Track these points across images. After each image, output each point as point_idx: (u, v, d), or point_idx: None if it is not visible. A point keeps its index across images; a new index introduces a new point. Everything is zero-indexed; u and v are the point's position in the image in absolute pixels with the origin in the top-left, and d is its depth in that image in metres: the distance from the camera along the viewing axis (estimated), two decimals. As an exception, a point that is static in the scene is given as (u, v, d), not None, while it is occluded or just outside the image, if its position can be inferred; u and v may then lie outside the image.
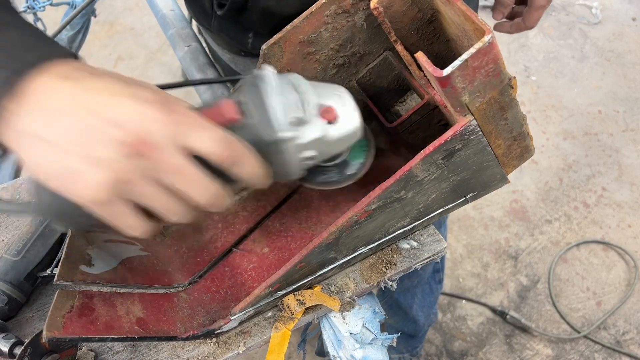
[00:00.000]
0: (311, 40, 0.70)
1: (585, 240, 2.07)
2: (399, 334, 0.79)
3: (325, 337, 0.77)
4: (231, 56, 1.02)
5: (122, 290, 0.66)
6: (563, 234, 2.10)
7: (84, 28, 1.37)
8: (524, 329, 1.86)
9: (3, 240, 0.83)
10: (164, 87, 0.54)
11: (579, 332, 1.84)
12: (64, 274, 0.61)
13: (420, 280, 1.47)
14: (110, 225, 0.50)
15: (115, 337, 0.60)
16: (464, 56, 0.48)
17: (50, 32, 1.35)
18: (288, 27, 0.67)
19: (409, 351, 1.76)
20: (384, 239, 0.74)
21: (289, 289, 0.70)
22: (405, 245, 0.79)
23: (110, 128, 0.44)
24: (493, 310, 1.90)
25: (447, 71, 0.49)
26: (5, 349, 0.66)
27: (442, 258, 1.54)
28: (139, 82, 0.49)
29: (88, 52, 2.78)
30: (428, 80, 0.71)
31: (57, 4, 1.33)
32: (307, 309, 0.73)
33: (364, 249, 0.73)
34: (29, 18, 1.35)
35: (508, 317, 1.85)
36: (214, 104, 0.54)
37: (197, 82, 0.95)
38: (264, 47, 0.68)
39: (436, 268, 1.51)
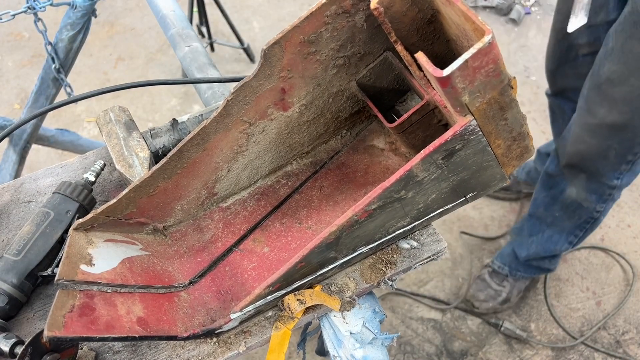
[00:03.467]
0: (311, 40, 0.70)
1: (583, 245, 2.06)
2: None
3: (325, 336, 0.77)
4: None
5: (123, 290, 0.66)
6: (563, 234, 2.10)
7: (84, 28, 1.37)
8: (519, 340, 1.85)
9: (3, 240, 0.83)
10: (165, 83, 0.55)
11: (576, 339, 1.83)
12: (64, 273, 0.61)
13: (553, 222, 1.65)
14: None
15: (116, 336, 0.60)
16: (464, 56, 0.48)
17: (50, 32, 1.35)
18: (288, 27, 0.67)
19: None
20: (384, 239, 0.74)
21: (289, 289, 0.70)
22: (405, 245, 0.79)
23: None
24: (487, 322, 1.88)
25: (447, 71, 0.49)
26: (6, 349, 0.66)
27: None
28: None
29: (88, 52, 2.78)
30: (428, 80, 0.71)
31: (58, 4, 1.33)
32: (307, 308, 0.73)
33: (364, 249, 0.73)
34: (30, 18, 1.35)
35: (502, 328, 1.84)
36: None
37: (199, 81, 0.95)
38: (264, 47, 0.68)
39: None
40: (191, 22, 2.38)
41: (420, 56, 0.53)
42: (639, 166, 1.43)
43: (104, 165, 0.86)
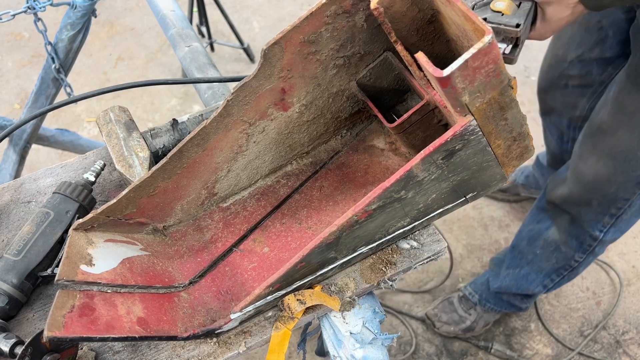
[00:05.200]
0: (311, 40, 0.70)
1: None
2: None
3: (325, 336, 0.77)
4: None
5: (123, 290, 0.66)
6: (563, 234, 2.10)
7: (84, 28, 1.37)
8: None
9: (3, 240, 0.83)
10: (165, 83, 0.55)
11: (572, 349, 1.82)
12: (64, 273, 0.61)
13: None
14: None
15: (116, 336, 0.60)
16: (464, 56, 0.48)
17: (50, 32, 1.35)
18: (288, 27, 0.67)
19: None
20: (384, 239, 0.74)
21: (289, 289, 0.70)
22: (405, 245, 0.79)
23: None
24: (477, 346, 1.83)
25: (447, 71, 0.49)
26: (6, 349, 0.66)
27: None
28: None
29: (88, 52, 2.78)
30: (428, 80, 0.71)
31: (58, 4, 1.33)
32: (307, 308, 0.73)
33: (364, 249, 0.73)
34: (30, 18, 1.35)
35: (493, 350, 1.81)
36: None
37: (199, 81, 0.95)
38: (264, 47, 0.68)
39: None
40: (191, 22, 2.38)
41: (420, 56, 0.53)
42: (624, 224, 1.36)
43: (104, 165, 0.86)
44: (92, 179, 0.84)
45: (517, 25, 0.85)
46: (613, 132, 1.20)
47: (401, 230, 0.74)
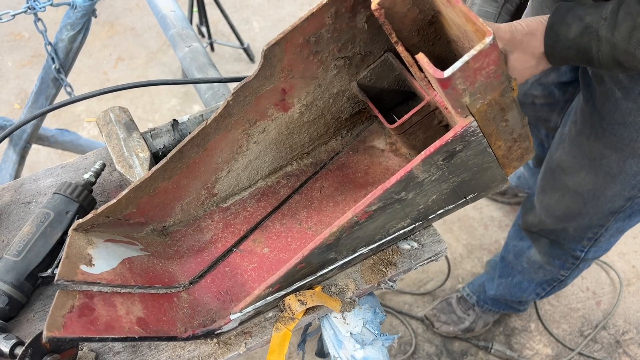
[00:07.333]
0: (312, 41, 0.70)
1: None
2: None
3: (325, 337, 0.77)
4: None
5: (123, 290, 0.66)
6: (563, 234, 2.10)
7: (84, 28, 1.37)
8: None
9: (3, 241, 0.83)
10: (165, 83, 0.55)
11: (572, 349, 1.82)
12: (64, 274, 0.61)
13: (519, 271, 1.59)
14: None
15: (116, 337, 0.60)
16: (465, 57, 0.48)
17: (50, 32, 1.35)
18: (289, 27, 0.67)
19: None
20: (385, 240, 0.74)
21: (289, 290, 0.70)
22: (405, 245, 0.79)
23: None
24: (477, 346, 1.83)
25: (448, 72, 0.49)
26: (6, 350, 0.66)
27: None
28: None
29: (88, 52, 2.78)
30: (429, 81, 0.71)
31: (58, 4, 1.33)
32: (307, 309, 0.73)
33: (364, 250, 0.73)
34: (30, 18, 1.35)
35: (493, 350, 1.81)
36: None
37: (199, 81, 0.95)
38: (264, 47, 0.68)
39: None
40: (191, 22, 2.38)
41: (421, 57, 0.53)
42: (604, 244, 1.35)
43: (104, 165, 0.86)
44: (92, 179, 0.84)
45: None
46: (575, 172, 1.19)
47: (401, 231, 0.74)
